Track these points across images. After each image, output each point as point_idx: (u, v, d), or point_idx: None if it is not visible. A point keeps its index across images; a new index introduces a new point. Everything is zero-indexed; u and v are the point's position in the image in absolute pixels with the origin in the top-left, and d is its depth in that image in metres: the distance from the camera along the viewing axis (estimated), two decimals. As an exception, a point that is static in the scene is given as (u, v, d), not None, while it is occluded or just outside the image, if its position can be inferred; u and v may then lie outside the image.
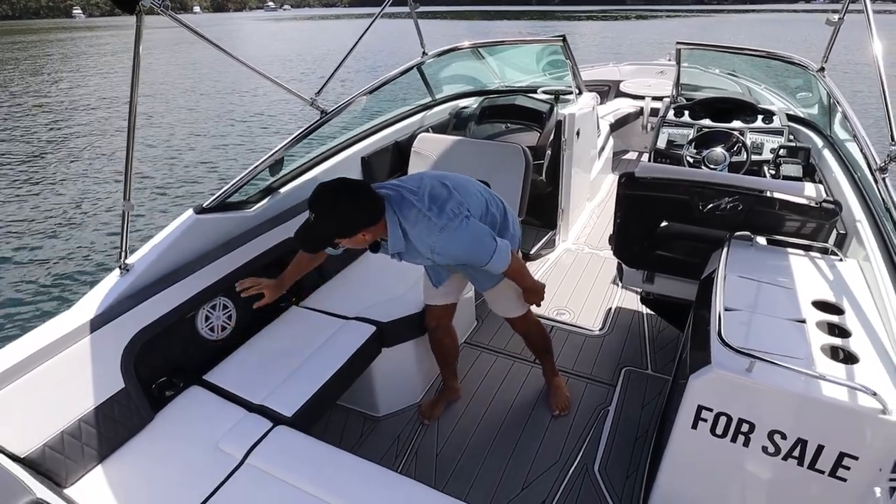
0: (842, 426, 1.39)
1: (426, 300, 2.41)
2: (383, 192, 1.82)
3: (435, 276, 2.29)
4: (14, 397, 1.58)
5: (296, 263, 2.18)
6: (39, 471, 1.57)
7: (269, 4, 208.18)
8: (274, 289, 2.14)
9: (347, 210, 1.70)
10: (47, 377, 1.66)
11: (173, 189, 8.46)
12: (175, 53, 28.98)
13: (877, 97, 2.06)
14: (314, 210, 1.68)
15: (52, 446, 1.61)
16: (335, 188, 1.70)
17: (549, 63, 5.66)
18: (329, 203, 1.69)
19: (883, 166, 1.93)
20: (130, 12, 1.78)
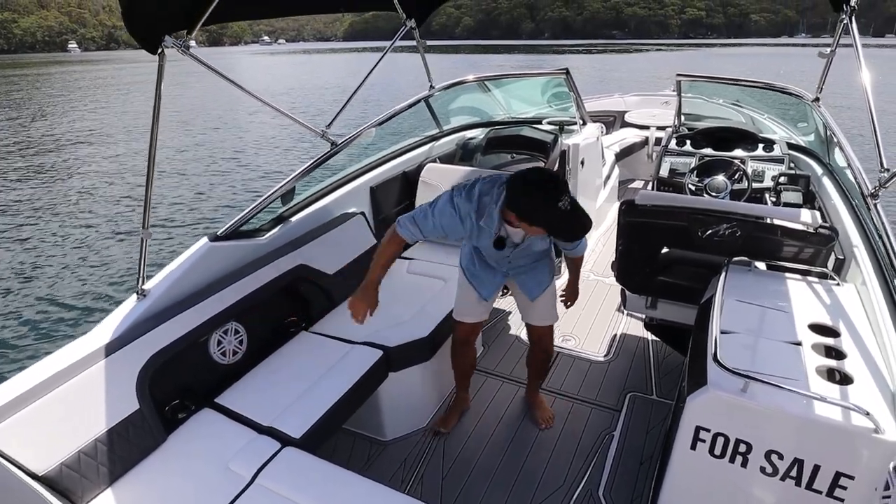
0: (837, 446, 1.40)
1: (460, 317, 2.45)
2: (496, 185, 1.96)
3: (488, 289, 2.34)
4: (34, 417, 1.64)
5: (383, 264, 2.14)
6: (57, 489, 1.62)
7: (265, 39, 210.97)
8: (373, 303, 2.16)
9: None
10: (65, 398, 1.72)
11: (188, 218, 8.71)
12: (185, 86, 30.00)
13: (869, 125, 2.13)
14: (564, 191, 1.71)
15: (69, 465, 1.67)
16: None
17: (553, 95, 5.81)
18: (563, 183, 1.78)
19: (874, 192, 1.98)
20: (154, 52, 1.91)
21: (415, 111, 3.94)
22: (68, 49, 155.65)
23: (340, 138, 2.95)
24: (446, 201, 1.98)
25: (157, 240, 7.57)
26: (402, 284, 3.05)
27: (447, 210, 1.98)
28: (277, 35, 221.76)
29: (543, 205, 1.72)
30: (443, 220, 1.99)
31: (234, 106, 21.87)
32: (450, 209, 1.97)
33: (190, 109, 21.64)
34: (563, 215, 1.71)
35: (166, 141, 14.82)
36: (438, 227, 2.00)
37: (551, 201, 1.70)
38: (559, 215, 1.71)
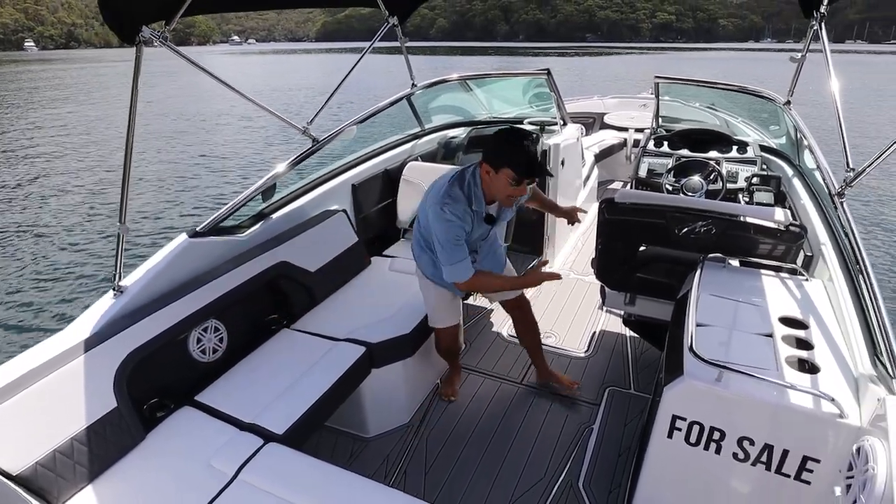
0: (805, 431, 1.47)
1: (440, 323, 2.56)
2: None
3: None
4: (7, 416, 1.61)
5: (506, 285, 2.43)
6: (31, 489, 1.59)
7: (234, 38, 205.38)
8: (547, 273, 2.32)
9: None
10: (40, 396, 1.69)
11: (167, 213, 8.55)
12: (166, 81, 29.44)
13: (837, 127, 2.22)
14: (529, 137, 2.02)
15: (44, 465, 1.64)
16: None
17: (534, 95, 5.87)
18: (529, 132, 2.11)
19: (840, 191, 2.06)
20: (131, 44, 1.88)
21: (397, 109, 3.95)
22: (24, 48, 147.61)
23: (322, 135, 2.94)
24: (444, 221, 2.08)
25: (135, 236, 7.41)
26: (384, 282, 3.06)
27: (450, 226, 2.09)
28: (247, 35, 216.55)
29: (510, 145, 2.00)
30: (457, 235, 2.10)
31: (212, 102, 21.54)
32: (451, 224, 2.08)
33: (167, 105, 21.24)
34: (526, 152, 1.98)
35: (143, 136, 14.53)
36: (461, 242, 2.12)
37: (518, 140, 1.99)
38: (523, 151, 1.98)
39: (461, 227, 2.10)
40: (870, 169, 1.90)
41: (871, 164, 1.88)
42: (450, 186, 2.12)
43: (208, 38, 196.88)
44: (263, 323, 2.63)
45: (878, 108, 18.05)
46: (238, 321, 2.47)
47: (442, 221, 2.08)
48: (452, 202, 2.08)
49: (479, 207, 2.14)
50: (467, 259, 2.14)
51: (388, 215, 3.74)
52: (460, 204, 2.09)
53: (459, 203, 2.09)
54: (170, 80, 30.19)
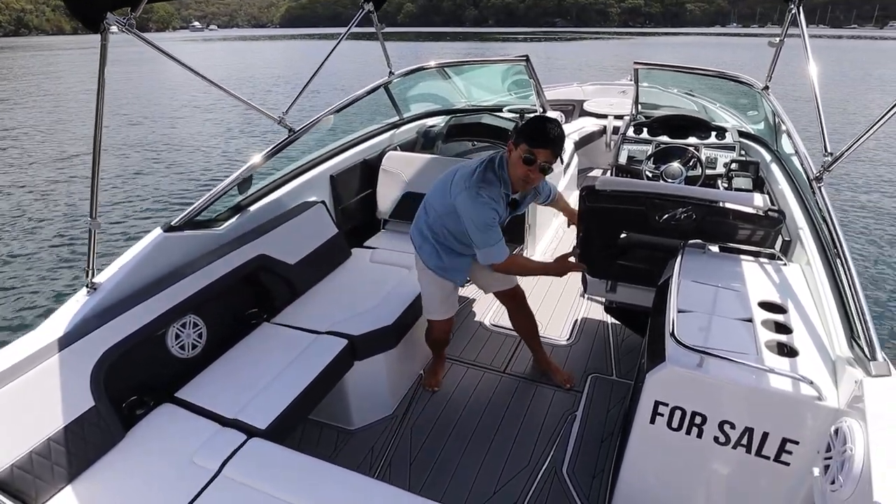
0: (784, 414, 1.49)
1: (436, 315, 2.58)
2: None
3: (461, 275, 2.50)
4: None
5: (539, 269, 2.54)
6: (8, 491, 1.55)
7: (195, 24, 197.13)
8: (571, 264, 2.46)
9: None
10: (14, 397, 1.64)
11: (140, 207, 8.33)
12: (136, 70, 28.60)
13: (815, 111, 2.24)
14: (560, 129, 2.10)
15: (20, 466, 1.59)
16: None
17: (513, 83, 5.84)
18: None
19: (818, 176, 2.09)
20: (95, 31, 1.81)
21: (375, 99, 3.90)
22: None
23: (298, 125, 2.88)
24: (481, 205, 2.12)
25: (107, 231, 7.19)
26: (366, 273, 3.03)
27: (486, 209, 2.13)
28: (209, 21, 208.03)
29: (538, 126, 2.10)
30: (493, 218, 2.16)
31: (179, 91, 20.95)
32: (486, 206, 2.13)
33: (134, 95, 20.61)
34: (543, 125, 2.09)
35: (111, 127, 14.09)
36: (496, 225, 2.19)
37: (543, 123, 2.11)
38: (540, 125, 2.09)
39: (496, 210, 2.15)
40: (847, 154, 1.92)
41: (848, 149, 1.91)
42: (483, 171, 2.16)
43: (167, 24, 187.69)
44: (243, 317, 2.59)
45: (850, 93, 18.42)
46: (217, 316, 2.42)
47: (479, 205, 2.11)
48: (488, 186, 2.13)
49: (509, 190, 2.21)
50: (503, 240, 2.21)
51: (368, 206, 3.70)
52: (495, 187, 2.15)
53: (494, 186, 2.15)
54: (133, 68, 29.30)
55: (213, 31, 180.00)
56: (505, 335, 3.22)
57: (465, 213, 2.15)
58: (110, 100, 2.08)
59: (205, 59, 37.07)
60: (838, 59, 32.29)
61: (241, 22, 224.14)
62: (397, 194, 3.56)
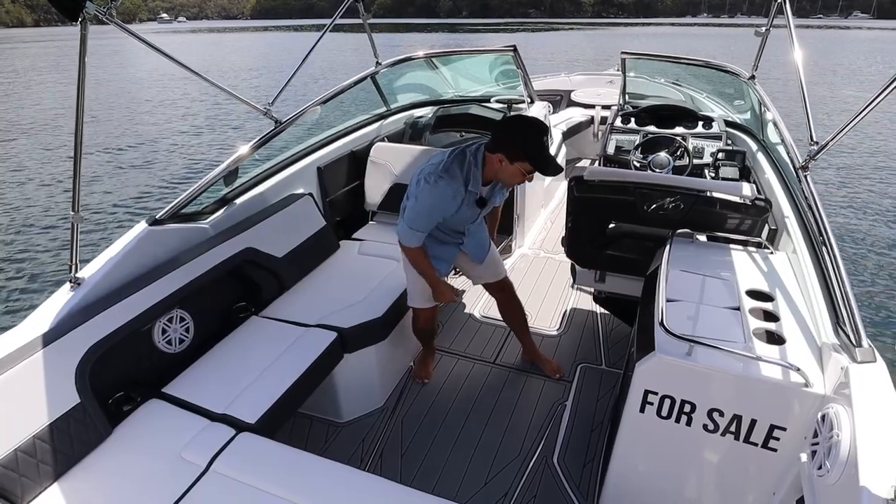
0: (771, 401, 1.51)
1: (421, 304, 2.55)
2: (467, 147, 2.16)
3: (445, 264, 2.48)
4: None
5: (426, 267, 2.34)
6: None
7: (163, 16, 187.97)
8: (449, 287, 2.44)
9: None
10: None
11: (124, 200, 8.17)
12: (117, 62, 28.03)
13: (801, 101, 2.25)
14: (547, 132, 1.97)
15: (5, 465, 1.56)
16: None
17: (501, 73, 5.82)
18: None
19: (804, 165, 2.10)
20: (74, 20, 1.76)
21: (362, 90, 3.85)
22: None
23: (284, 116, 2.84)
24: (431, 191, 2.07)
25: (91, 225, 7.07)
26: (354, 265, 3.01)
27: (437, 196, 2.08)
28: (177, 12, 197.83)
29: (529, 137, 1.97)
30: (436, 207, 2.11)
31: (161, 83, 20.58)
32: (439, 194, 2.08)
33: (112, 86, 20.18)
34: (545, 148, 2.00)
35: (92, 120, 13.81)
36: (431, 217, 2.15)
37: (537, 135, 1.97)
38: (543, 148, 1.98)
39: (447, 203, 2.11)
40: (833, 142, 1.94)
41: (834, 138, 1.92)
42: (449, 162, 2.09)
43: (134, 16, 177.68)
44: (231, 311, 2.56)
45: (825, 83, 18.58)
46: (204, 310, 2.39)
47: (430, 193, 2.08)
48: (448, 178, 2.07)
49: (475, 188, 2.13)
50: (423, 234, 2.20)
51: (356, 198, 3.67)
52: (456, 182, 2.08)
53: (455, 181, 2.08)
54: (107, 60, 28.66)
55: (181, 24, 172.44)
56: (494, 326, 3.23)
57: (419, 192, 2.12)
58: (89, 91, 2.01)
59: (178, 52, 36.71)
60: (817, 50, 32.56)
61: (211, 14, 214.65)
62: (385, 186, 3.54)
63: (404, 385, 2.77)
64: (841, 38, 47.79)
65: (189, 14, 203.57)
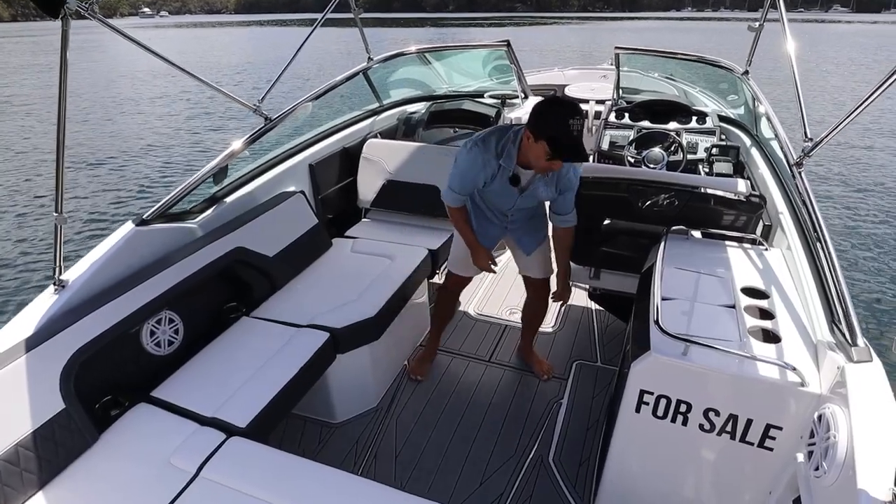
0: (767, 400, 1.50)
1: (455, 269, 2.66)
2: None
3: (488, 241, 2.49)
4: None
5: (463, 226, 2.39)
6: None
7: (145, 10, 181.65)
8: (486, 252, 2.44)
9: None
10: None
11: (110, 200, 8.03)
12: (103, 58, 27.65)
13: (795, 97, 2.24)
14: (580, 115, 1.89)
15: None
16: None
17: (494, 68, 5.77)
18: (582, 111, 1.92)
19: (798, 161, 2.09)
20: (55, 16, 1.71)
21: (355, 85, 3.81)
22: None
23: (275, 113, 2.80)
24: (465, 154, 2.17)
25: (75, 226, 6.92)
26: (347, 264, 2.97)
27: (468, 161, 2.16)
28: (159, 7, 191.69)
29: (557, 117, 1.89)
30: (468, 172, 2.18)
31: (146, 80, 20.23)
32: (469, 159, 2.16)
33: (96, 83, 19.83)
34: (570, 132, 1.87)
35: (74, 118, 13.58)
36: (467, 179, 2.21)
37: (565, 116, 1.87)
38: (567, 131, 1.87)
39: (477, 170, 2.16)
40: (827, 139, 1.92)
41: (828, 135, 1.90)
42: (488, 134, 2.17)
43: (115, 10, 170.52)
44: (221, 312, 2.52)
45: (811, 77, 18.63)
46: (194, 311, 2.35)
47: (464, 157, 2.18)
48: (483, 147, 2.14)
49: (508, 164, 2.13)
50: (457, 195, 2.27)
51: (349, 195, 3.63)
52: (488, 153, 2.13)
53: (488, 152, 2.13)
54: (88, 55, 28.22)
55: (164, 18, 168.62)
56: (490, 323, 3.21)
57: (458, 154, 2.22)
58: (71, 88, 1.96)
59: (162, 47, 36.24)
60: (801, 44, 32.61)
61: (194, 8, 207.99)
62: (379, 182, 3.50)
63: (398, 385, 2.75)
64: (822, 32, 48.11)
65: (171, 8, 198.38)
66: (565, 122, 1.87)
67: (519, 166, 2.13)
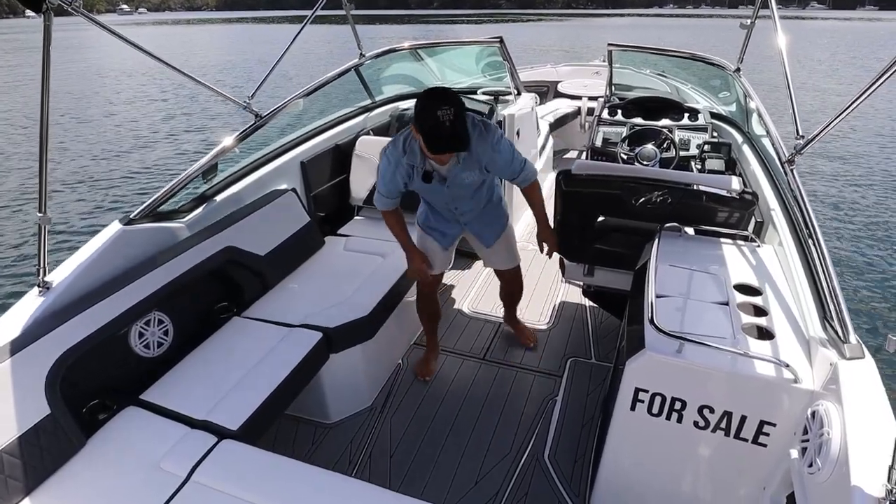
0: (761, 397, 1.50)
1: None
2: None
3: (446, 239, 2.52)
4: None
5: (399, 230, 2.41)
6: None
7: (123, 7, 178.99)
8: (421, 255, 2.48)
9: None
10: None
11: (95, 200, 7.88)
12: (86, 55, 27.22)
13: (786, 94, 2.23)
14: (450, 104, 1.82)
15: None
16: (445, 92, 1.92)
17: (487, 64, 5.75)
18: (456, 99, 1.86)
19: (790, 158, 2.09)
20: (37, 11, 1.68)
21: (348, 82, 3.77)
22: None
23: (265, 110, 2.77)
24: (382, 158, 2.21)
25: (59, 227, 6.79)
26: (340, 262, 2.95)
27: (384, 164, 2.21)
28: (138, 3, 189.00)
29: (423, 110, 1.87)
30: (386, 174, 2.21)
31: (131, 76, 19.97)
32: (385, 162, 2.20)
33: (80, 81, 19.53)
34: (436, 122, 1.83)
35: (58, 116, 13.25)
36: (388, 182, 2.22)
37: (432, 108, 1.84)
38: (433, 121, 1.84)
39: (392, 172, 2.19)
40: (820, 136, 1.92)
41: (820, 132, 1.90)
42: (398, 135, 2.19)
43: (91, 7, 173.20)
44: (212, 312, 2.49)
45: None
46: (184, 312, 2.32)
47: (382, 158, 2.22)
48: (392, 147, 2.18)
49: (412, 161, 2.14)
50: (383, 196, 2.29)
51: (342, 192, 3.60)
52: (396, 153, 2.16)
53: (396, 151, 2.16)
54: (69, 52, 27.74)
55: (142, 15, 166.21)
56: (484, 321, 3.20)
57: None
58: (53, 86, 1.90)
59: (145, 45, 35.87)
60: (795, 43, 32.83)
61: (174, 5, 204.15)
62: (371, 180, 3.47)
63: (393, 384, 2.73)
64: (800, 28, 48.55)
65: (150, 5, 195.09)
66: (434, 115, 1.83)
67: (430, 161, 2.13)
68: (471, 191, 2.31)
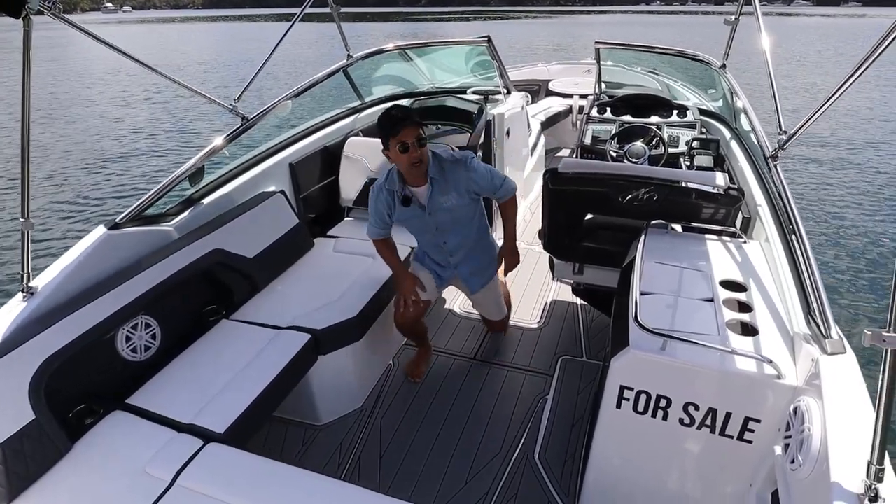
0: (745, 393, 1.50)
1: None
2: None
3: (438, 278, 2.59)
4: None
5: (389, 257, 2.49)
6: None
7: (108, 6, 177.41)
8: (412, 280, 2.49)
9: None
10: None
11: (80, 204, 7.77)
12: (68, 54, 26.87)
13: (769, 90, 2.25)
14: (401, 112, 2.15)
15: None
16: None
17: (477, 64, 5.75)
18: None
19: (773, 154, 2.10)
20: (17, 16, 1.66)
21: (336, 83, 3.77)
22: None
23: (252, 112, 2.76)
24: (371, 193, 2.35)
25: (43, 232, 6.69)
26: (329, 264, 2.94)
27: (371, 197, 2.34)
28: (122, 2, 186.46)
29: (382, 119, 2.15)
30: (373, 206, 2.35)
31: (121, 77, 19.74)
32: (372, 193, 2.34)
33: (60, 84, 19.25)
34: (388, 111, 2.15)
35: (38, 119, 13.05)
36: (376, 212, 2.36)
37: (386, 111, 2.16)
38: (385, 112, 2.15)
39: (379, 203, 2.32)
40: (801, 131, 1.93)
41: (801, 128, 1.91)
42: (386, 171, 2.34)
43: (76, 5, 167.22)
44: (200, 315, 2.48)
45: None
46: (172, 315, 2.31)
47: (371, 193, 2.37)
48: (379, 179, 2.34)
49: (392, 187, 2.28)
50: (375, 229, 2.41)
51: (331, 194, 3.59)
52: (380, 182, 2.32)
53: (380, 181, 2.32)
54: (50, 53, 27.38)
55: (127, 13, 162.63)
56: (475, 321, 3.20)
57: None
58: (34, 89, 1.89)
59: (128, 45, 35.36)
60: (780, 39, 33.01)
61: (159, 3, 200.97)
62: (361, 181, 3.47)
63: (383, 385, 2.73)
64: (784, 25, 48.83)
65: (135, 3, 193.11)
66: (387, 114, 2.13)
67: (409, 187, 2.27)
68: (452, 220, 2.38)
